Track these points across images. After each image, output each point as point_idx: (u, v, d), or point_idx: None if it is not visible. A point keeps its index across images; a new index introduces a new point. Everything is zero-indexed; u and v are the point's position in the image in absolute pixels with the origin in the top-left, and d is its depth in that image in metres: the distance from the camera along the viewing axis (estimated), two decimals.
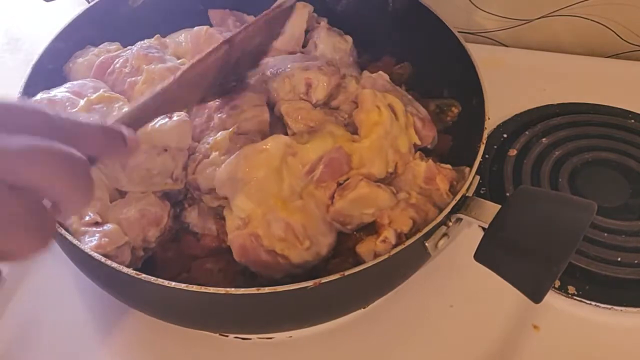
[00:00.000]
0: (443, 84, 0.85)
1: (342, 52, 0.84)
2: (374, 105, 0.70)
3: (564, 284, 0.75)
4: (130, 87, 0.73)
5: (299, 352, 0.72)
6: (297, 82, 0.75)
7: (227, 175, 0.62)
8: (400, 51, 0.91)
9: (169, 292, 0.56)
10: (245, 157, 0.62)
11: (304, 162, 0.65)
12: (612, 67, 1.06)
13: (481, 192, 0.85)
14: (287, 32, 0.84)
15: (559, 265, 0.53)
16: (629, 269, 0.76)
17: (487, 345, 0.72)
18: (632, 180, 0.86)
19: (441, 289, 0.77)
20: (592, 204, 0.57)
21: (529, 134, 0.92)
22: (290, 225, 0.64)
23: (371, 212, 0.68)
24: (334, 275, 0.56)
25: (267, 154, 0.62)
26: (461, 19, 1.09)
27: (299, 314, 0.65)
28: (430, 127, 0.77)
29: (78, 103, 0.67)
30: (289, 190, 0.64)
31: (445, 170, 0.71)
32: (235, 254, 0.65)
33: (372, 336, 0.73)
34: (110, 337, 0.73)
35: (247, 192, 0.63)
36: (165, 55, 0.77)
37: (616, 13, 1.04)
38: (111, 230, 0.63)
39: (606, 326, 0.73)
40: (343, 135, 0.67)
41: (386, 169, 0.70)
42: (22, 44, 1.14)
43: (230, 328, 0.70)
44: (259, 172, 0.62)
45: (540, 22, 1.08)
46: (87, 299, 0.76)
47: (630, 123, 0.94)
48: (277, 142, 0.63)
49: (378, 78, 0.79)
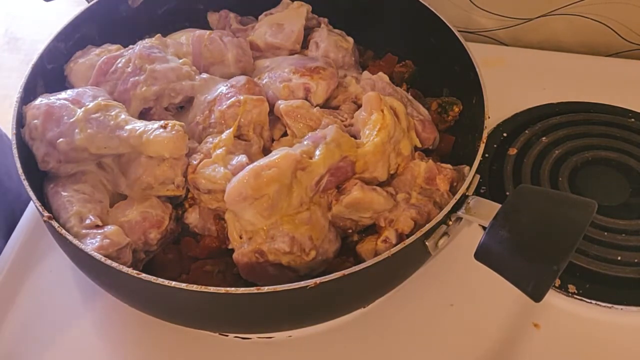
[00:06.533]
0: (443, 83, 0.86)
1: (343, 51, 0.85)
2: (378, 109, 0.69)
3: (564, 282, 0.75)
4: (132, 87, 0.73)
5: (298, 352, 0.72)
6: (295, 87, 0.75)
7: (237, 191, 0.62)
8: (401, 50, 0.91)
9: (169, 292, 0.56)
10: (256, 174, 0.62)
11: (313, 176, 0.65)
12: (612, 66, 1.06)
13: (481, 191, 0.85)
14: (286, 29, 0.84)
15: (559, 264, 0.53)
16: (629, 268, 0.76)
17: (487, 343, 0.72)
18: (632, 179, 0.86)
19: (441, 288, 0.77)
20: (592, 203, 0.57)
21: (529, 133, 0.92)
22: (296, 239, 0.64)
23: (368, 216, 0.68)
24: (334, 275, 0.56)
25: (278, 170, 0.62)
26: (461, 18, 1.09)
27: (299, 314, 0.65)
28: (431, 129, 0.77)
29: (76, 112, 0.67)
30: (298, 202, 0.64)
31: (445, 170, 0.71)
32: (242, 273, 0.66)
33: (373, 336, 0.73)
34: (110, 336, 0.73)
35: (259, 208, 0.62)
36: (167, 55, 0.77)
37: (616, 12, 1.04)
38: (112, 232, 0.63)
39: (606, 324, 0.73)
40: (348, 142, 0.67)
41: (388, 172, 0.70)
42: (22, 44, 1.14)
43: (230, 328, 0.70)
44: (270, 189, 0.62)
45: (540, 21, 1.08)
46: (88, 299, 0.76)
47: (630, 122, 0.94)
48: (286, 159, 0.63)
49: (378, 80, 0.79)
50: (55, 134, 0.66)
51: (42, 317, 0.75)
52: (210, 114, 0.72)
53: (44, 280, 0.78)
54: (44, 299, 0.76)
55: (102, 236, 0.62)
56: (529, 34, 1.10)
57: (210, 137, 0.71)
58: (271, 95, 0.76)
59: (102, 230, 0.63)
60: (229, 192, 0.63)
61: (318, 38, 0.85)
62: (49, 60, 0.76)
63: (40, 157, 0.67)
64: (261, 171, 0.62)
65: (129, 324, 0.73)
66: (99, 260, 0.57)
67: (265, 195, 0.62)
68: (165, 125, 0.67)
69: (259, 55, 0.84)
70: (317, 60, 0.79)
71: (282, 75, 0.77)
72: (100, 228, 0.63)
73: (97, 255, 0.58)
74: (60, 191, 0.66)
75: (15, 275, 0.78)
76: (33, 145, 0.68)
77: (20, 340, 0.73)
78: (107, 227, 0.63)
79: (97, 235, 0.62)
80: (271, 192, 0.62)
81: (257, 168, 0.62)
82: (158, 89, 0.73)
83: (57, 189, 0.66)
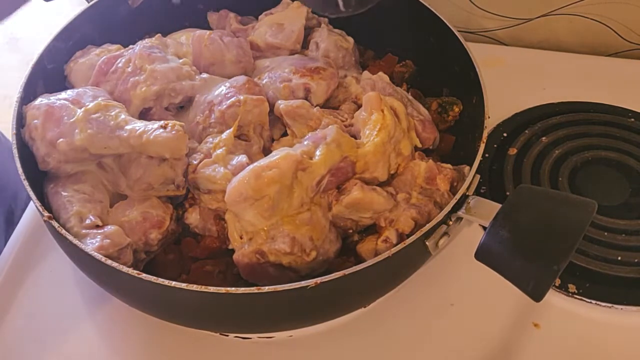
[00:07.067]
0: (443, 83, 0.86)
1: (344, 51, 0.85)
2: (378, 109, 0.69)
3: (564, 282, 0.75)
4: (132, 87, 0.73)
5: (299, 352, 0.72)
6: (295, 87, 0.75)
7: (238, 191, 0.62)
8: (401, 50, 0.91)
9: (170, 292, 0.56)
10: (257, 175, 0.62)
11: (314, 177, 0.65)
12: (612, 66, 1.06)
13: (481, 191, 0.85)
14: (286, 29, 0.84)
15: (559, 264, 0.53)
16: (628, 268, 0.76)
17: (488, 343, 0.72)
18: (632, 179, 0.86)
19: (442, 287, 0.77)
20: (592, 203, 0.57)
21: (529, 132, 0.92)
22: (297, 240, 0.64)
23: (368, 216, 0.68)
24: (335, 275, 0.56)
25: (279, 171, 0.62)
26: (461, 18, 1.09)
27: (299, 314, 0.65)
28: (431, 129, 0.77)
29: (76, 113, 0.67)
30: (298, 203, 0.64)
31: (445, 170, 0.71)
32: (243, 273, 0.66)
33: (373, 335, 0.73)
34: (111, 336, 0.73)
35: (259, 208, 0.62)
36: (167, 55, 0.77)
37: (616, 12, 1.04)
38: (113, 232, 0.63)
39: (606, 324, 0.73)
40: (348, 142, 0.67)
41: (389, 172, 0.70)
42: (22, 44, 1.14)
43: (230, 327, 0.70)
44: (271, 189, 0.62)
45: (540, 21, 1.08)
46: (88, 299, 0.76)
47: (630, 122, 0.94)
48: (287, 160, 0.63)
49: (378, 80, 0.79)
50: (55, 134, 0.66)
51: (42, 317, 0.75)
52: (210, 114, 0.73)
53: (44, 280, 0.78)
54: (44, 299, 0.76)
55: (103, 236, 0.62)
56: (529, 34, 1.10)
57: (210, 137, 0.71)
58: (271, 95, 0.76)
59: (103, 230, 0.63)
60: (229, 193, 0.63)
61: (318, 38, 0.85)
62: (49, 60, 0.76)
63: (40, 157, 0.67)
64: (262, 172, 0.62)
65: (129, 324, 0.73)
66: (100, 260, 0.57)
67: (266, 196, 0.62)
68: (165, 125, 0.67)
69: (259, 55, 0.84)
70: (317, 60, 0.79)
71: (282, 75, 0.77)
72: (100, 228, 0.63)
73: (97, 255, 0.58)
74: (60, 191, 0.66)
75: (15, 275, 0.78)
76: (33, 146, 0.68)
77: (20, 340, 0.73)
78: (108, 227, 0.63)
79: (98, 235, 0.62)
80: (272, 192, 0.62)
81: (257, 169, 0.62)
82: (158, 89, 0.73)
83: (57, 189, 0.66)
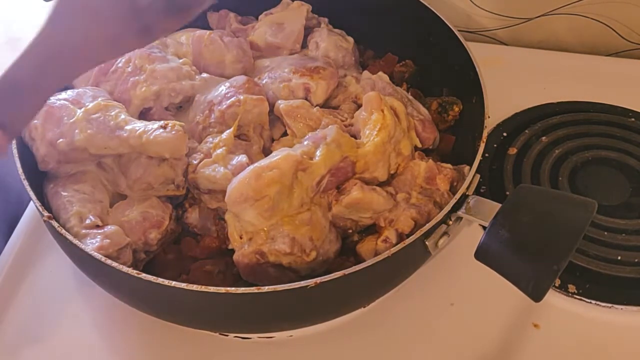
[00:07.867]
0: (443, 83, 0.86)
1: (344, 51, 0.85)
2: (378, 109, 0.69)
3: (564, 282, 0.75)
4: (132, 87, 0.73)
5: (299, 352, 0.72)
6: (295, 87, 0.75)
7: (238, 192, 0.62)
8: (401, 50, 0.91)
9: (170, 292, 0.56)
10: (257, 175, 0.62)
11: (314, 177, 0.65)
12: (612, 66, 1.06)
13: (481, 191, 0.85)
14: (286, 29, 0.84)
15: (559, 264, 0.53)
16: (629, 268, 0.76)
17: (487, 343, 0.72)
18: (632, 179, 0.86)
19: (442, 287, 0.77)
20: (592, 203, 0.57)
21: (529, 132, 0.92)
22: (297, 240, 0.64)
23: (368, 216, 0.68)
24: (335, 275, 0.56)
25: (279, 171, 0.62)
26: (461, 18, 1.09)
27: (299, 313, 0.65)
28: (431, 128, 0.77)
29: (76, 113, 0.67)
30: (298, 203, 0.64)
31: (445, 170, 0.71)
32: (243, 274, 0.66)
33: (373, 335, 0.73)
34: (110, 336, 0.73)
35: (259, 209, 0.62)
36: (167, 55, 0.77)
37: (616, 11, 1.04)
38: (112, 232, 0.63)
39: (606, 324, 0.73)
40: (348, 142, 0.67)
41: (389, 172, 0.70)
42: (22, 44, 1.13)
43: (230, 327, 0.70)
44: (271, 190, 0.62)
45: (540, 21, 1.08)
46: (88, 299, 0.76)
47: (631, 121, 0.94)
48: (287, 160, 0.63)
49: (378, 80, 0.79)
50: (55, 134, 0.66)
51: (42, 317, 0.75)
52: (210, 114, 0.73)
53: (44, 280, 0.78)
54: (44, 299, 0.76)
55: (102, 236, 0.62)
56: (529, 34, 1.10)
57: (210, 137, 0.71)
58: (271, 95, 0.76)
59: (102, 230, 0.63)
60: (229, 193, 0.63)
61: (318, 38, 0.85)
62: None
63: (40, 157, 0.67)
64: (262, 172, 0.62)
65: (129, 323, 0.73)
66: (99, 260, 0.57)
67: (266, 196, 0.62)
68: (165, 125, 0.67)
69: (259, 55, 0.84)
70: (317, 60, 0.79)
71: (282, 75, 0.77)
72: (100, 228, 0.63)
73: (97, 255, 0.58)
74: (60, 191, 0.66)
75: (15, 275, 0.78)
76: (33, 146, 0.68)
77: (20, 340, 0.73)
78: (107, 227, 0.63)
79: (97, 235, 0.62)
80: (272, 193, 0.62)
81: (258, 169, 0.62)
82: (158, 88, 0.73)
83: (57, 189, 0.66)
